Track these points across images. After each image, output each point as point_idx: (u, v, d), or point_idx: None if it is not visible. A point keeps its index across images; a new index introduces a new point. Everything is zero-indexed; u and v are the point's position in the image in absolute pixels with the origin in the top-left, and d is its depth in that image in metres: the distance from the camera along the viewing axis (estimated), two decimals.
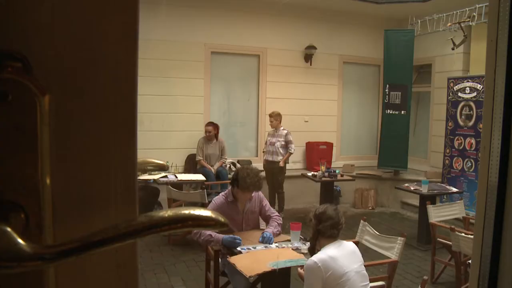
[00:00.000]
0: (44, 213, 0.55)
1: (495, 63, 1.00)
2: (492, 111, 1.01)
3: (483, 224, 1.22)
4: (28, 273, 0.54)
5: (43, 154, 0.55)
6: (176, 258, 5.87)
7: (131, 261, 0.61)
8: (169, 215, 0.47)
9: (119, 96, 0.61)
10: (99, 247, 0.46)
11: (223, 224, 0.49)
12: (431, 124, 9.16)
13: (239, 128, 9.02)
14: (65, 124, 0.58)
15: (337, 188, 8.60)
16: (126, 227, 0.46)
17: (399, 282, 5.15)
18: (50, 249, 0.47)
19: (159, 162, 0.83)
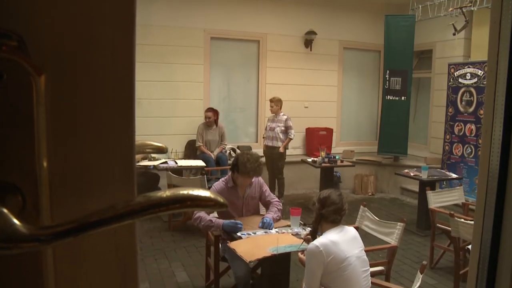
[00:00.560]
0: (41, 195, 0.55)
1: (498, 45, 0.99)
2: (494, 94, 1.00)
3: (484, 209, 1.21)
4: (26, 255, 0.54)
5: (40, 135, 0.54)
6: (177, 243, 5.90)
7: (130, 243, 0.60)
8: (167, 195, 0.46)
9: (116, 77, 0.60)
10: (96, 228, 0.46)
11: (222, 204, 0.48)
12: (431, 110, 9.14)
13: (239, 114, 9.01)
14: (61, 105, 0.57)
15: (337, 174, 8.61)
16: (123, 207, 0.46)
17: (398, 267, 5.18)
18: (46, 230, 0.46)
19: (157, 145, 0.82)
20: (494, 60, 0.99)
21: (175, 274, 4.95)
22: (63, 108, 0.57)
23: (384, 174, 9.17)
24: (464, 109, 7.63)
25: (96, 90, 0.59)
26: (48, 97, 0.55)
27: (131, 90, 0.61)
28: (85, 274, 0.59)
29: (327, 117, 9.37)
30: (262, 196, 4.31)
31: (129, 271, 0.61)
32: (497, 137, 1.00)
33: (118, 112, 0.60)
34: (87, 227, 0.46)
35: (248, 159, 4.03)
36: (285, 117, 7.70)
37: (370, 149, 9.55)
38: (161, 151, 0.84)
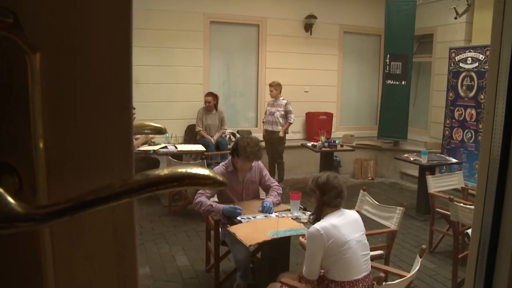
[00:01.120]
0: (38, 175, 0.54)
1: (502, 25, 0.97)
2: (497, 74, 0.98)
3: (485, 193, 1.21)
4: (23, 235, 0.53)
5: (35, 115, 0.53)
6: (177, 228, 5.92)
7: (128, 223, 0.60)
8: (165, 173, 0.45)
9: (113, 56, 0.58)
10: (93, 207, 0.45)
11: (221, 182, 0.48)
12: (431, 95, 9.12)
13: (238, 98, 8.98)
14: (57, 84, 0.56)
15: (336, 158, 8.61)
16: (121, 185, 0.45)
17: (398, 251, 5.21)
18: (42, 209, 0.46)
19: (156, 125, 0.81)
20: (497, 40, 0.98)
21: (176, 258, 4.97)
22: (59, 87, 0.56)
23: (384, 158, 9.17)
24: (465, 93, 7.60)
25: (93, 69, 0.58)
26: (44, 76, 0.54)
27: (128, 68, 0.60)
28: (83, 255, 0.59)
29: (327, 102, 9.35)
30: (262, 180, 4.31)
31: (128, 252, 0.60)
32: (499, 118, 1.00)
33: (116, 91, 0.59)
34: (84, 206, 0.45)
35: (248, 143, 4.03)
36: (284, 101, 7.68)
37: (370, 134, 9.54)
38: (160, 131, 0.83)
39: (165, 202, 6.74)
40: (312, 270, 2.92)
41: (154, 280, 4.42)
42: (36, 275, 0.55)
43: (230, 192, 4.20)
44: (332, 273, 2.92)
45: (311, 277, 2.94)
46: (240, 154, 4.04)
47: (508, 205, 1.15)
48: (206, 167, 5.82)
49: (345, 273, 2.89)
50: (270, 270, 3.64)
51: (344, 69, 9.61)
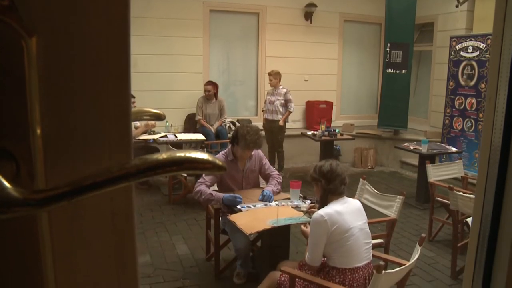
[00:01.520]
0: (35, 160, 0.53)
1: (504, 10, 0.96)
2: (499, 59, 0.97)
3: (485, 182, 1.21)
4: (21, 221, 0.53)
5: (32, 99, 0.52)
6: (177, 217, 5.93)
7: (127, 209, 0.59)
8: (164, 157, 0.45)
9: (110, 39, 0.57)
10: (91, 191, 0.44)
11: (221, 167, 0.47)
12: (431, 84, 9.09)
13: (238, 87, 8.96)
14: (54, 68, 0.55)
15: (336, 147, 8.61)
16: (119, 170, 0.44)
17: (397, 240, 5.22)
18: (39, 193, 0.45)
19: (155, 111, 0.81)
20: (500, 25, 0.97)
21: (176, 247, 4.99)
22: (56, 71, 0.55)
23: (384, 147, 9.17)
24: (465, 82, 7.57)
25: (90, 53, 0.57)
26: (40, 60, 0.53)
27: (126, 51, 0.59)
28: (81, 241, 0.58)
29: (327, 91, 9.32)
30: (262, 169, 4.31)
31: (127, 238, 0.60)
32: (501, 105, 0.99)
33: (113, 74, 0.58)
34: (82, 190, 0.44)
35: (248, 131, 4.02)
36: (284, 90, 7.66)
37: (370, 123, 9.53)
38: (159, 117, 0.82)
39: (165, 191, 6.75)
40: (315, 256, 2.93)
41: (155, 268, 4.43)
42: (34, 261, 0.55)
43: (230, 181, 4.20)
44: (333, 260, 2.93)
45: (313, 263, 2.95)
46: (240, 142, 4.04)
47: (509, 193, 1.15)
48: None
49: (347, 260, 2.90)
50: (270, 258, 3.65)
51: (344, 57, 9.57)
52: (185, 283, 4.18)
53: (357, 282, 2.89)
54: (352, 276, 2.89)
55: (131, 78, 0.58)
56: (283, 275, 3.02)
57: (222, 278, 4.24)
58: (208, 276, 4.32)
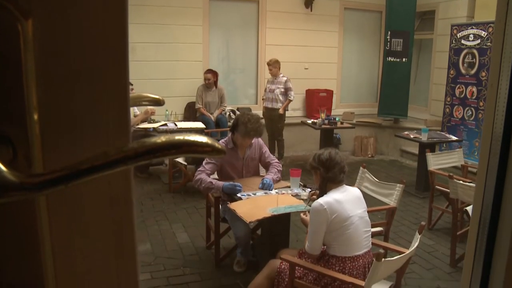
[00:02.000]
0: (32, 145, 0.52)
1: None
2: (502, 44, 0.96)
3: (486, 170, 1.20)
4: (19, 206, 0.52)
5: (29, 83, 0.52)
6: (177, 205, 5.94)
7: (126, 194, 0.59)
8: (162, 141, 0.44)
9: (108, 24, 0.56)
10: (88, 175, 0.44)
11: (220, 150, 0.46)
12: (432, 72, 9.06)
13: (238, 75, 8.92)
14: (50, 51, 0.54)
15: (336, 135, 8.60)
16: (116, 153, 0.44)
17: (397, 228, 5.23)
18: (36, 177, 0.45)
19: (154, 97, 0.80)
20: (503, 10, 0.96)
21: (176, 235, 5.00)
22: (53, 54, 0.54)
23: (384, 136, 9.16)
24: (466, 71, 7.54)
25: (87, 35, 0.56)
26: (37, 44, 0.52)
27: (124, 34, 0.58)
28: (79, 226, 0.58)
29: (327, 79, 9.29)
30: (262, 157, 4.31)
31: (126, 223, 0.59)
32: (503, 91, 0.98)
33: (111, 57, 0.57)
34: (79, 174, 0.44)
35: (248, 119, 4.01)
36: (284, 78, 7.63)
37: (370, 111, 9.50)
38: (158, 102, 0.81)
39: (165, 180, 6.75)
40: (315, 245, 2.94)
41: (155, 256, 4.45)
42: (33, 247, 0.54)
43: (230, 169, 4.20)
44: (333, 248, 2.94)
45: (313, 252, 2.96)
46: (240, 130, 4.03)
47: (510, 181, 1.15)
48: None
49: (346, 248, 2.91)
50: (270, 246, 3.66)
51: (345, 46, 9.53)
52: (186, 271, 4.19)
53: (356, 270, 2.90)
54: (351, 264, 2.90)
55: (129, 62, 0.57)
56: (283, 263, 3.02)
57: (222, 266, 4.26)
58: (208, 264, 4.33)
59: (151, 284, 3.93)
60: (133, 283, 0.61)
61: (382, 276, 2.78)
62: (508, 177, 1.14)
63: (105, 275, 0.59)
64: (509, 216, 1.17)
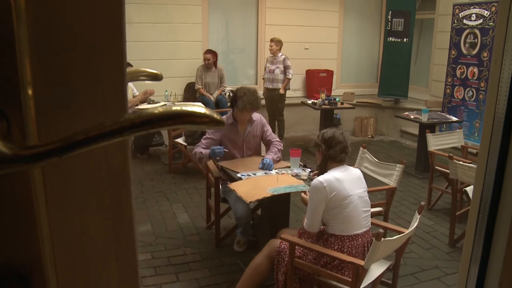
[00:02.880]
0: (27, 118, 0.51)
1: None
2: (507, 19, 0.94)
3: (488, 151, 1.19)
4: (14, 180, 0.51)
5: (22, 56, 0.50)
6: (177, 186, 5.95)
7: (123, 169, 0.58)
8: (159, 111, 0.43)
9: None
10: (83, 147, 0.43)
11: (219, 121, 0.45)
12: (433, 53, 9.00)
13: (237, 55, 8.86)
14: (44, 24, 0.52)
15: (336, 116, 8.59)
16: (112, 124, 0.43)
17: (397, 209, 5.25)
18: (30, 149, 0.44)
19: (152, 71, 0.78)
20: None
21: (177, 215, 5.02)
22: (47, 26, 0.53)
23: (384, 116, 9.15)
24: (467, 51, 7.48)
25: (83, 7, 0.54)
26: (30, 14, 0.50)
27: (120, 7, 0.56)
28: (76, 201, 0.57)
29: (327, 59, 9.23)
30: (264, 135, 4.32)
31: (123, 197, 0.59)
32: (507, 66, 0.96)
33: (107, 28, 0.56)
34: (74, 146, 0.43)
35: (244, 93, 4.05)
36: (283, 57, 7.61)
37: (370, 92, 9.47)
38: (156, 77, 0.80)
39: (165, 161, 6.76)
40: (313, 222, 2.95)
41: (156, 237, 4.47)
42: (30, 222, 0.54)
43: (229, 145, 4.21)
44: (332, 227, 2.95)
45: (312, 229, 2.97)
46: (238, 104, 4.06)
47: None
48: None
49: (345, 227, 2.92)
50: (270, 226, 3.67)
51: (345, 25, 9.44)
52: (186, 251, 4.22)
53: (355, 249, 2.92)
54: (350, 243, 2.91)
55: (125, 34, 0.56)
56: (283, 243, 3.03)
57: (222, 246, 4.28)
58: (208, 244, 4.36)
59: (152, 264, 3.96)
60: (131, 256, 0.60)
61: (382, 255, 2.80)
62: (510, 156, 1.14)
63: (103, 249, 0.59)
64: (510, 196, 1.17)
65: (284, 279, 3.02)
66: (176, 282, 3.72)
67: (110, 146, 0.48)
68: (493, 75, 1.03)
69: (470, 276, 1.31)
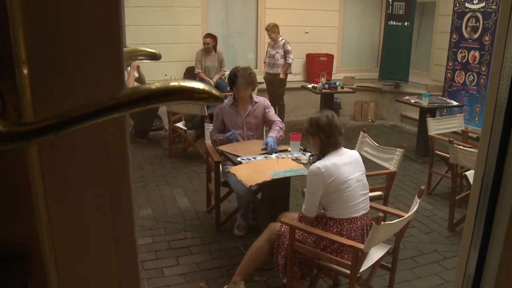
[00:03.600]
0: (22, 96, 0.50)
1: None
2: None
3: (490, 135, 1.18)
4: (10, 158, 0.50)
5: (16, 33, 0.49)
6: (178, 170, 5.96)
7: (121, 148, 0.57)
8: (157, 86, 0.42)
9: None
10: (79, 123, 0.42)
11: (217, 97, 0.44)
12: (434, 37, 8.94)
13: (237, 39, 8.80)
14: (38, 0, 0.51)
15: (337, 100, 8.56)
16: (109, 100, 0.42)
17: (397, 193, 5.26)
18: (25, 126, 0.43)
19: (149, 50, 0.77)
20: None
21: (177, 199, 5.03)
22: (41, 3, 0.51)
23: (384, 101, 9.12)
24: (469, 35, 7.43)
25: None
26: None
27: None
28: (74, 179, 0.56)
29: (327, 43, 9.17)
30: (266, 116, 4.35)
31: (121, 178, 0.58)
32: (511, 45, 0.95)
33: (103, 6, 0.54)
34: (69, 122, 0.42)
35: (238, 70, 4.21)
36: (283, 41, 7.56)
37: (371, 76, 9.43)
38: (154, 57, 0.79)
39: (165, 145, 6.75)
40: (311, 207, 2.95)
41: (156, 221, 4.48)
42: (27, 200, 0.53)
43: (230, 125, 4.28)
44: (330, 211, 2.95)
45: (309, 214, 2.98)
46: (233, 82, 4.18)
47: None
48: (205, 108, 5.78)
49: (344, 211, 2.92)
50: (270, 210, 3.68)
51: (346, 9, 9.36)
52: (186, 235, 4.23)
53: (354, 232, 2.92)
54: (349, 226, 2.91)
55: (122, 9, 0.55)
56: (283, 226, 3.04)
57: (222, 230, 4.30)
58: (209, 228, 4.37)
59: (152, 248, 3.98)
60: (130, 236, 0.60)
61: (381, 239, 2.80)
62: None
63: (102, 228, 0.58)
64: (511, 180, 1.17)
65: (284, 262, 3.03)
66: (176, 266, 3.73)
67: (107, 123, 0.47)
68: (497, 54, 1.01)
69: (470, 259, 1.31)
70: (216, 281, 3.52)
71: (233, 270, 3.41)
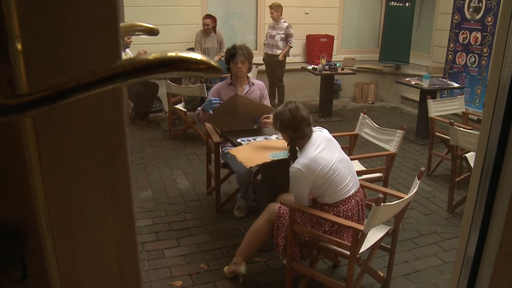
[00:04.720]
0: (16, 69, 0.49)
1: None
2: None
3: (492, 117, 1.17)
4: (4, 132, 0.49)
5: (9, 9, 0.47)
6: (178, 152, 5.96)
7: (118, 122, 0.56)
8: (154, 57, 0.41)
9: None
10: (74, 95, 0.41)
11: (216, 68, 0.43)
12: (436, 17, 8.86)
13: (237, 20, 8.73)
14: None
15: (337, 81, 8.53)
16: (104, 71, 0.41)
17: (396, 174, 5.27)
18: (18, 98, 0.42)
19: (147, 25, 0.76)
20: None
21: (177, 181, 5.03)
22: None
23: (384, 82, 9.08)
24: (471, 16, 7.36)
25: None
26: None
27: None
28: (71, 154, 0.56)
29: (328, 24, 9.09)
30: (262, 98, 4.32)
31: (119, 152, 0.57)
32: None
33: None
34: (64, 94, 0.41)
35: (233, 47, 4.16)
36: (286, 24, 7.51)
37: (371, 57, 9.37)
38: (152, 32, 0.77)
39: (165, 127, 6.74)
40: (301, 202, 2.96)
41: (157, 203, 4.49)
42: (23, 177, 0.52)
43: None
44: (323, 199, 2.95)
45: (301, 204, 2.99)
46: (232, 55, 4.14)
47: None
48: (205, 90, 5.76)
49: (336, 195, 2.91)
50: (270, 192, 3.68)
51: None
52: (187, 216, 4.25)
53: (351, 211, 2.92)
54: (345, 207, 2.91)
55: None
56: (282, 207, 3.04)
57: (223, 212, 4.31)
58: (209, 209, 4.38)
59: (153, 230, 3.99)
60: (128, 212, 0.59)
61: (381, 220, 2.81)
62: None
63: (99, 204, 0.58)
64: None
65: (284, 243, 3.04)
66: (177, 247, 3.75)
67: (104, 97, 0.46)
68: (500, 31, 0.99)
69: (471, 240, 1.31)
70: (216, 262, 3.54)
71: (233, 251, 3.43)
